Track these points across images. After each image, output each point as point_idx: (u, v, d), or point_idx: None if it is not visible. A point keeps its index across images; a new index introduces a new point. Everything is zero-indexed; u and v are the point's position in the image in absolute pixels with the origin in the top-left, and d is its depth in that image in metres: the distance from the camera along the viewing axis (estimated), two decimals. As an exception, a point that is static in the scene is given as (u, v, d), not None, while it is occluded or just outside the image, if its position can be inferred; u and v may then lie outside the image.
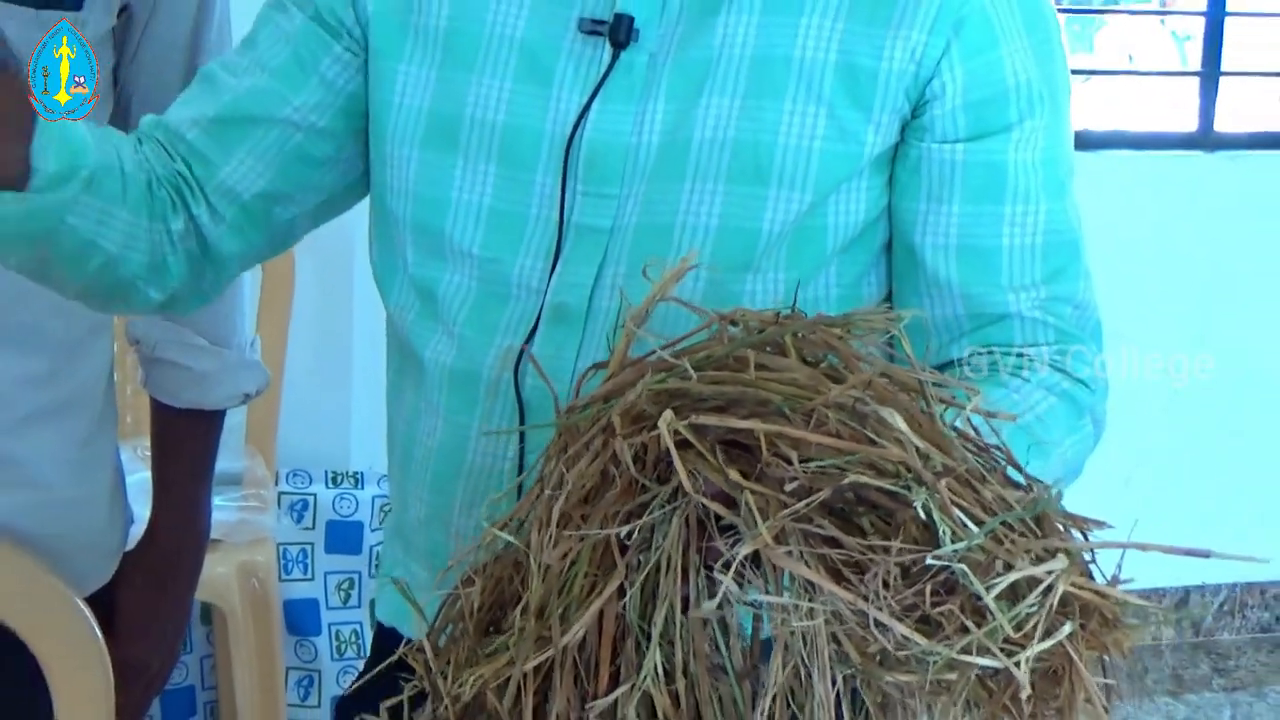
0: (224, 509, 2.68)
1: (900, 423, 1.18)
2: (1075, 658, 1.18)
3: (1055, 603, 1.15)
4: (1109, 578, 1.22)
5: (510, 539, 1.31)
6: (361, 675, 1.67)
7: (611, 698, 1.21)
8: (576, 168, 1.61)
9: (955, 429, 1.26)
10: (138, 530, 2.22)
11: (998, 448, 1.27)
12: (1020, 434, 1.49)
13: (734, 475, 1.17)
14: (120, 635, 2.09)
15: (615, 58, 1.60)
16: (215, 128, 1.69)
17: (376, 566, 3.50)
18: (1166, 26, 4.63)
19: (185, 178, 1.68)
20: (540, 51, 1.63)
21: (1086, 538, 1.22)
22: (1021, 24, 1.60)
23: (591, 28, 1.60)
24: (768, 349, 1.27)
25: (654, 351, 1.29)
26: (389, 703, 1.36)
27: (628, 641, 1.21)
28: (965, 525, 1.15)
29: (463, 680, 1.28)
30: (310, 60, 1.70)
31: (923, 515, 1.15)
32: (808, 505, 1.15)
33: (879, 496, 1.17)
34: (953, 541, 1.14)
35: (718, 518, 1.19)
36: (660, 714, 1.21)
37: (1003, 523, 1.17)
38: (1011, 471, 1.28)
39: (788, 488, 1.17)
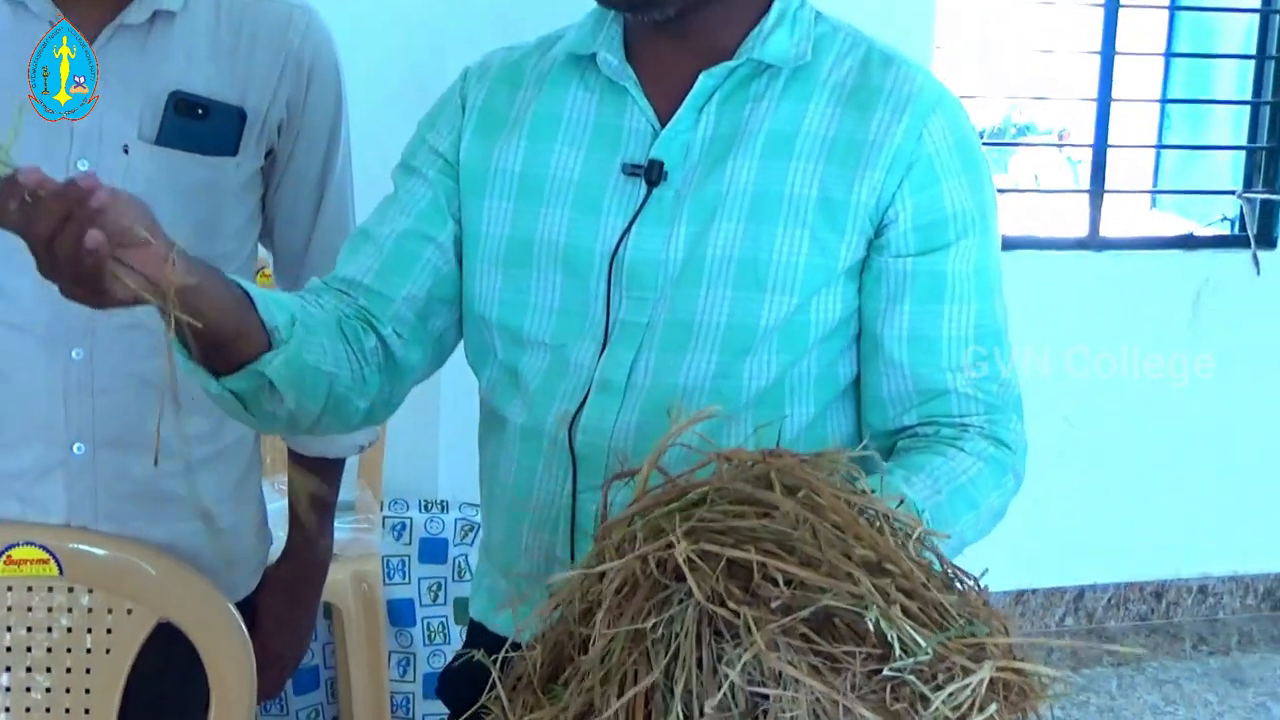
0: (341, 530, 2.65)
1: (858, 550, 1.21)
2: None
3: (984, 690, 1.17)
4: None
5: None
6: (459, 656, 1.68)
7: None
8: (621, 277, 1.60)
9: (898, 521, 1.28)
10: (277, 549, 2.21)
11: (936, 553, 1.28)
12: (958, 495, 1.55)
13: (735, 593, 1.18)
14: (262, 631, 2.09)
15: (649, 193, 1.60)
16: (384, 271, 1.68)
17: (458, 574, 3.51)
18: (1063, 154, 4.63)
19: (368, 310, 1.66)
20: (592, 188, 1.62)
21: (1007, 629, 1.23)
22: (959, 164, 1.60)
23: (631, 170, 1.61)
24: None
25: (670, 480, 1.30)
26: None
27: (655, 696, 1.20)
28: (914, 639, 1.16)
29: None
30: (446, 203, 1.70)
31: (872, 629, 1.16)
32: (793, 620, 1.17)
33: (845, 613, 1.18)
34: (901, 649, 1.16)
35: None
36: None
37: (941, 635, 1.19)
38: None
39: (773, 605, 1.17)
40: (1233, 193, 4.33)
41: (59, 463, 1.98)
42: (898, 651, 1.16)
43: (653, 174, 1.59)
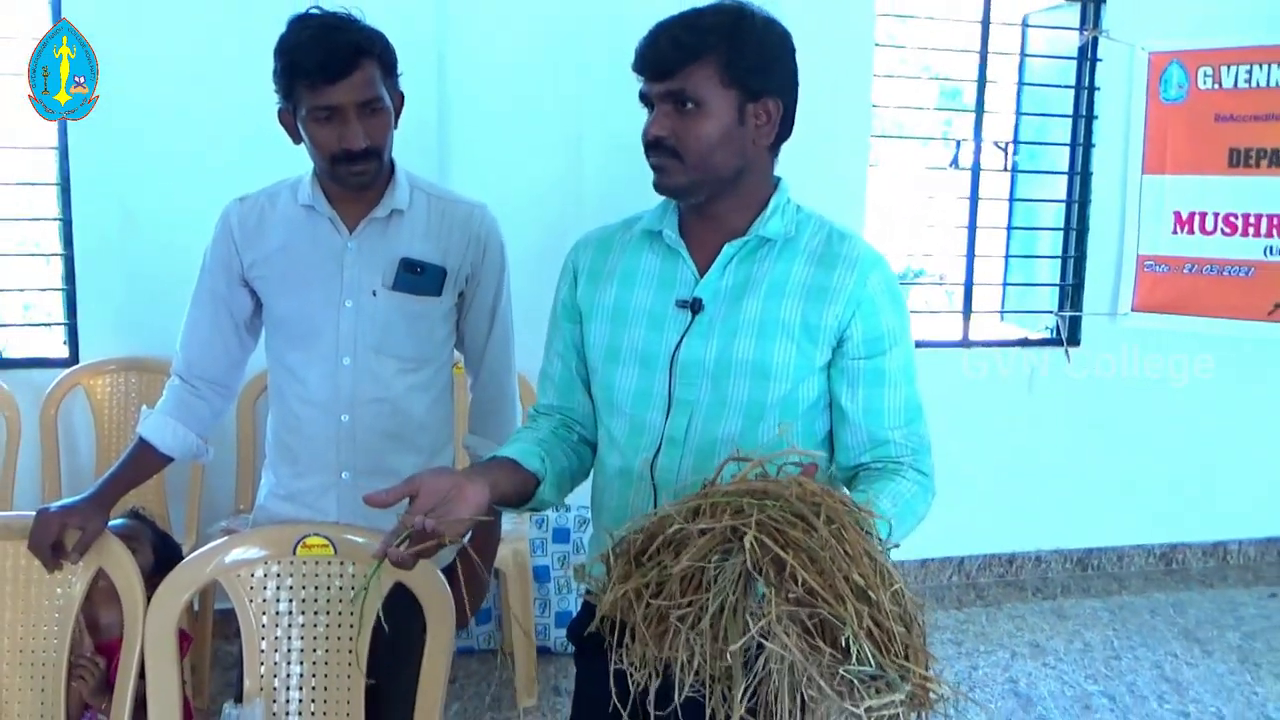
0: (505, 522, 2.64)
1: (854, 575, 1.19)
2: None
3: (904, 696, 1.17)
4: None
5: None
6: (582, 611, 1.68)
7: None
8: (677, 370, 1.57)
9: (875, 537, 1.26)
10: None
11: (904, 591, 1.24)
12: (906, 506, 1.51)
13: (770, 575, 1.19)
14: (457, 587, 2.04)
15: (693, 319, 1.57)
16: (562, 396, 1.72)
17: (576, 550, 3.51)
18: (944, 289, 4.57)
19: (567, 421, 1.72)
20: (657, 315, 1.60)
21: (927, 662, 1.22)
22: (889, 301, 1.57)
23: (681, 304, 1.58)
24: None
25: (745, 473, 1.31)
26: (589, 596, 1.34)
27: (700, 594, 1.21)
28: (868, 656, 1.16)
29: (620, 588, 1.27)
30: (574, 339, 1.70)
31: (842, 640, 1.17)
32: (796, 609, 1.18)
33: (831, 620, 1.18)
34: (858, 661, 1.16)
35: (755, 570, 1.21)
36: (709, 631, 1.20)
37: (887, 656, 1.17)
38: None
39: (789, 596, 1.18)
40: (1052, 312, 4.30)
41: (333, 484, 1.97)
42: (854, 658, 1.16)
43: (696, 306, 1.57)
